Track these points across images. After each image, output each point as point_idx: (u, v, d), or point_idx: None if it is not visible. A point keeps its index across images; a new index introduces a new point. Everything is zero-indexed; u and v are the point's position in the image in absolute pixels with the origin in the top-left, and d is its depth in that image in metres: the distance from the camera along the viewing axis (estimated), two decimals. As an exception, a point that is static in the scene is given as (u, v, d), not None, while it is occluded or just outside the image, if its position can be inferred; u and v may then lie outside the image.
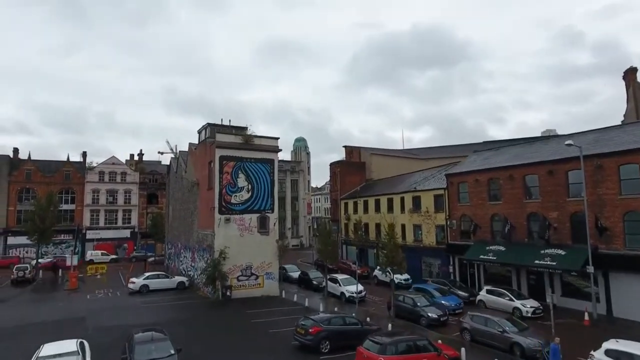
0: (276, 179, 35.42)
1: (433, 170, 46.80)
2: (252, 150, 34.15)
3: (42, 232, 52.06)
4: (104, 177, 69.02)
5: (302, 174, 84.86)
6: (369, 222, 50.65)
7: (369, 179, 59.65)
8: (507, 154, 35.31)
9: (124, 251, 69.13)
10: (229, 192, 33.11)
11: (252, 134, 34.54)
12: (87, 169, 68.62)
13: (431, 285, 32.06)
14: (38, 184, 64.86)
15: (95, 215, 68.03)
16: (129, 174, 70.88)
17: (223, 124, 36.52)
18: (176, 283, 36.36)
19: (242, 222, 33.34)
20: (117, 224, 69.36)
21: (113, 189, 69.45)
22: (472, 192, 35.20)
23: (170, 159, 52.04)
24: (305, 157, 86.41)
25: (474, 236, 34.33)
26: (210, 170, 34.02)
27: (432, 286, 31.75)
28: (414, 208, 41.80)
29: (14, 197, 63.50)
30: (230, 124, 36.75)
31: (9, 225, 62.40)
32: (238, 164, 33.61)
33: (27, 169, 64.79)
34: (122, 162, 71.86)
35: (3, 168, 63.57)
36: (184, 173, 42.74)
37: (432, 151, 65.26)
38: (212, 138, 34.48)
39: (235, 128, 36.33)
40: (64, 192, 66.54)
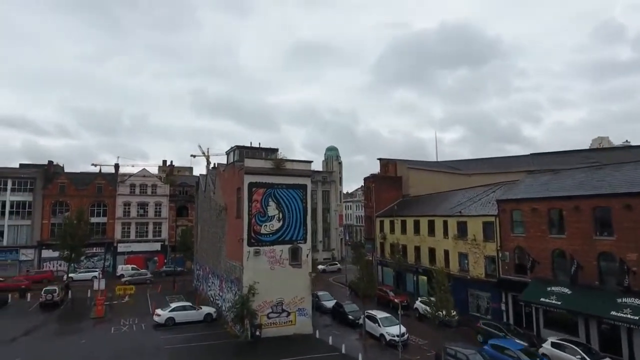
0: (309, 206, 32.70)
1: (478, 190, 42.84)
2: (283, 175, 31.56)
3: (73, 249, 51.86)
4: (134, 190, 68.58)
5: (334, 184, 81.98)
6: (407, 244, 47.18)
7: (406, 195, 56.06)
8: (570, 180, 31.13)
9: (154, 264, 68.47)
10: (258, 222, 30.65)
11: (283, 158, 31.94)
12: (119, 181, 68.32)
13: (515, 344, 25.49)
14: (71, 197, 65.02)
15: (126, 228, 67.64)
16: (159, 186, 70.19)
17: (252, 146, 34.14)
18: (203, 315, 34.27)
19: (272, 254, 30.81)
20: (147, 237, 68.79)
21: (144, 201, 68.91)
22: (528, 222, 31.25)
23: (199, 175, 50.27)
24: (337, 167, 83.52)
25: (532, 273, 30.39)
26: (238, 197, 31.69)
27: (516, 345, 25.28)
28: (459, 234, 38.07)
29: (48, 210, 63.86)
30: (260, 146, 34.33)
31: (43, 238, 62.78)
32: (268, 190, 31.10)
33: (61, 182, 65.06)
34: (153, 174, 71.27)
35: (38, 181, 64.07)
36: (212, 194, 40.74)
37: (474, 165, 60.77)
38: (240, 162, 32.15)
39: (265, 151, 33.93)
40: (96, 205, 66.50)
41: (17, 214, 62.60)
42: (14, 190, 62.82)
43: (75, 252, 53.38)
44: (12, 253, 61.71)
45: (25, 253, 62.18)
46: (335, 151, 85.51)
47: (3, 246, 61.40)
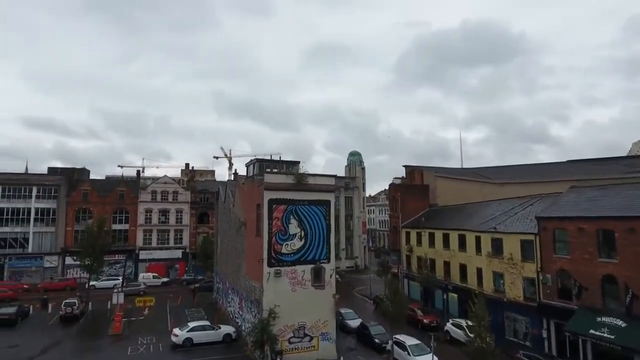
0: (332, 223, 30.79)
1: (514, 202, 40.00)
2: (305, 191, 29.76)
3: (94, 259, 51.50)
4: (156, 197, 68.20)
5: (357, 190, 79.84)
6: (436, 258, 44.70)
7: (434, 205, 53.48)
8: (621, 196, 28.18)
9: (175, 272, 68.01)
10: (279, 241, 28.94)
11: (305, 172, 30.13)
12: (140, 188, 68.06)
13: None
14: (94, 204, 65.12)
15: (147, 235, 67.34)
16: (180, 193, 69.63)
17: (272, 159, 32.46)
18: (222, 335, 32.84)
19: (294, 274, 29.05)
20: (168, 244, 68.33)
21: (165, 208, 68.47)
22: (573, 243, 28.46)
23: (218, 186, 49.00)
24: (360, 173, 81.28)
25: (578, 300, 27.62)
26: (258, 214, 30.06)
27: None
28: (493, 252, 35.41)
29: (71, 217, 64.11)
30: (281, 159, 32.65)
31: (67, 245, 63.02)
32: (290, 207, 29.36)
33: (84, 189, 65.25)
34: (174, 181, 70.77)
35: (62, 188, 64.40)
36: (232, 206, 39.33)
37: (505, 172, 57.49)
38: (260, 176, 30.51)
39: (286, 164, 32.25)
40: (118, 212, 66.43)
41: (41, 221, 63.09)
42: (38, 197, 63.33)
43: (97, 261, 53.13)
44: (36, 260, 62.20)
45: (50, 260, 62.59)
46: (358, 156, 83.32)
47: (28, 253, 61.97)
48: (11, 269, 61.06)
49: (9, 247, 61.35)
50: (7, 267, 60.81)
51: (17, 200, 62.27)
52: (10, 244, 61.54)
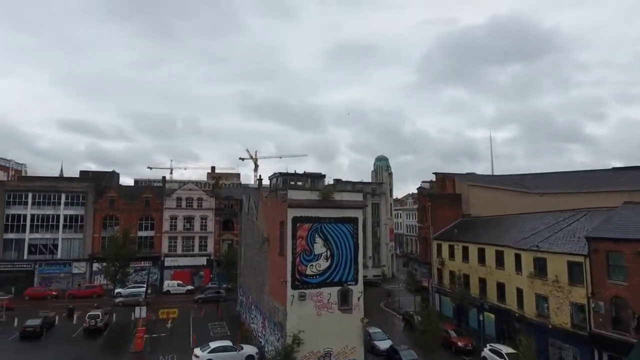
0: (360, 242, 28.83)
1: (557, 217, 36.92)
2: (331, 208, 27.92)
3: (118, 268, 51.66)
4: (181, 203, 67.90)
5: (384, 197, 77.40)
6: (470, 274, 41.98)
7: (467, 215, 50.62)
8: (687, 217, 25.01)
9: (200, 279, 67.56)
10: (303, 262, 27.22)
11: (331, 188, 28.32)
12: (166, 195, 67.92)
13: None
14: (120, 211, 65.37)
15: (173, 242, 67.12)
16: (205, 199, 69.11)
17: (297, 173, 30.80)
18: (245, 357, 31.44)
19: (319, 297, 27.28)
20: (193, 251, 67.93)
21: (190, 215, 68.09)
22: (631, 269, 25.47)
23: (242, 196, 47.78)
24: (387, 178, 78.83)
25: (637, 333, 24.64)
26: (281, 232, 28.43)
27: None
28: (536, 272, 32.56)
29: (98, 223, 64.56)
30: (305, 173, 30.95)
31: (95, 252, 63.45)
32: (315, 225, 27.59)
33: (111, 196, 65.60)
34: (198, 188, 70.35)
35: (89, 195, 64.91)
36: (255, 219, 37.92)
37: (545, 180, 53.86)
38: (284, 192, 28.87)
39: (311, 177, 30.46)
40: (144, 219, 66.45)
41: (70, 228, 63.78)
42: (67, 204, 64.03)
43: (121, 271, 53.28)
44: (65, 266, 62.90)
45: (78, 266, 63.20)
46: (385, 161, 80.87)
47: (57, 259, 62.72)
48: (41, 275, 61.96)
49: (39, 253, 62.30)
50: (37, 273, 61.73)
51: (47, 207, 63.15)
52: (41, 250, 62.48)
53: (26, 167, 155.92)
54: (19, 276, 61.07)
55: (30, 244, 62.07)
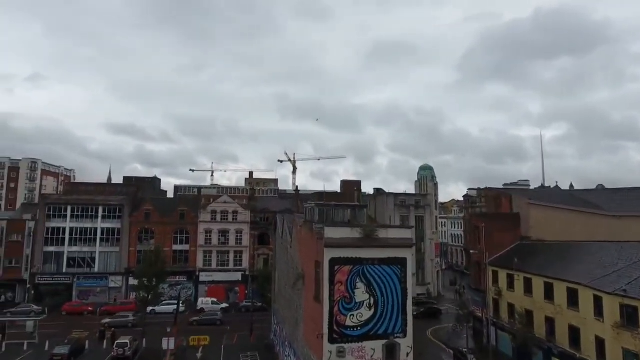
0: (409, 285, 24.61)
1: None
2: (375, 247, 23.90)
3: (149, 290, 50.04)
4: (216, 217, 65.95)
5: (429, 209, 72.09)
6: (534, 310, 36.52)
7: (526, 238, 44.88)
8: None
9: (235, 295, 65.34)
10: (343, 311, 23.38)
11: (375, 225, 24.28)
12: (200, 208, 66.19)
13: None
14: (155, 224, 64.29)
15: (207, 256, 65.28)
16: (240, 212, 66.79)
17: (335, 203, 26.98)
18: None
19: (361, 353, 23.37)
20: (228, 266, 65.77)
21: (225, 228, 66.00)
22: None
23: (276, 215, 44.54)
24: (432, 189, 73.48)
25: None
26: (317, 273, 24.73)
27: None
28: (624, 322, 26.98)
29: (134, 237, 63.74)
30: (344, 203, 27.07)
31: (130, 265, 62.58)
32: (356, 268, 23.69)
33: (146, 209, 64.62)
34: (233, 201, 68.09)
35: (125, 208, 64.24)
36: (289, 247, 34.48)
37: (621, 198, 46.85)
38: (319, 226, 25.11)
39: (352, 209, 26.51)
40: (179, 232, 65.01)
41: (107, 241, 63.36)
42: (104, 217, 63.66)
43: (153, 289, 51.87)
44: (102, 280, 62.51)
45: (114, 280, 62.61)
46: (429, 171, 75.49)
47: (94, 273, 62.43)
48: (79, 288, 61.88)
49: (77, 266, 62.25)
50: (75, 287, 61.68)
51: (85, 220, 63.04)
52: (79, 264, 62.41)
53: (75, 172, 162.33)
54: (58, 289, 61.33)
55: (69, 257, 62.15)
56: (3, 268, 60.29)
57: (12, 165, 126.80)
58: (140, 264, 59.13)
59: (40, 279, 60.74)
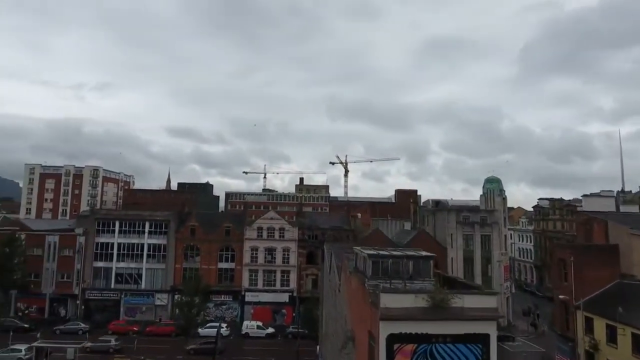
0: None
1: None
2: (448, 320, 18.20)
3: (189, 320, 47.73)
4: (262, 234, 62.50)
5: (497, 227, 63.96)
6: (648, 377, 28.69)
7: (628, 275, 36.50)
8: None
9: (282, 317, 61.48)
10: (404, 404, 17.91)
11: (447, 291, 18.57)
12: (246, 224, 63.03)
13: None
14: (201, 241, 62.06)
15: (253, 275, 62.01)
16: (287, 229, 62.84)
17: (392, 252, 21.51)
18: None
19: None
20: (275, 286, 62.06)
21: (271, 246, 62.37)
22: None
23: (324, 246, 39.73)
24: (500, 204, 65.17)
25: None
26: (371, 346, 19.45)
27: None
28: None
29: (180, 254, 61.89)
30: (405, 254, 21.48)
31: (176, 283, 60.74)
32: (422, 347, 18.13)
33: (192, 225, 62.56)
34: (280, 217, 64.20)
35: (171, 224, 62.55)
36: (337, 291, 29.44)
37: None
38: (374, 287, 19.80)
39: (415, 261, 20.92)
40: (224, 250, 62.29)
41: (153, 257, 62.03)
42: (151, 233, 62.37)
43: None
44: (148, 297, 61.21)
45: (160, 298, 61.07)
46: (496, 183, 67.23)
47: (141, 290, 61.26)
48: (126, 305, 60.96)
49: (125, 282, 61.42)
50: (123, 303, 60.84)
51: (132, 235, 62.16)
52: (126, 280, 61.55)
53: (134, 178, 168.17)
54: (106, 305, 60.92)
55: (117, 272, 61.48)
56: (56, 282, 60.66)
57: (77, 172, 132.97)
58: (185, 281, 57.67)
59: (90, 294, 60.54)
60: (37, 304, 60.34)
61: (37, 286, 60.07)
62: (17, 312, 59.60)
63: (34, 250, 60.83)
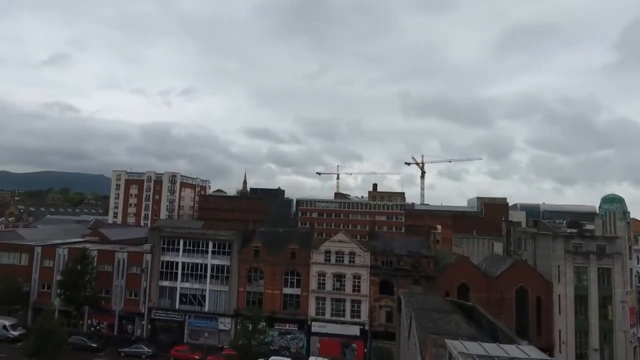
0: None
1: None
2: None
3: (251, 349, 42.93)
4: (330, 258, 56.32)
5: (619, 258, 51.23)
6: None
7: None
8: None
9: (352, 353, 54.86)
10: None
11: None
12: (312, 247, 57.31)
13: None
14: (265, 263, 57.56)
15: (320, 303, 56.06)
16: (358, 254, 55.94)
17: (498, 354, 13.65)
18: None
19: None
20: (344, 317, 55.50)
21: (340, 272, 55.95)
22: None
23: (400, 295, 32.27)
24: (622, 230, 52.08)
25: None
26: None
27: None
28: None
29: (243, 276, 57.92)
30: None
31: (239, 307, 56.90)
32: None
33: (255, 246, 58.26)
34: (350, 240, 57.35)
35: (235, 244, 58.87)
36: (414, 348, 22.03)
37: None
38: None
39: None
40: (289, 274, 57.14)
41: (216, 279, 58.83)
42: (214, 252, 59.26)
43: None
44: (212, 321, 58.04)
45: (224, 322, 57.57)
46: (618, 204, 54.04)
47: (204, 312, 58.33)
48: (190, 328, 58.48)
49: (189, 303, 59.00)
50: (187, 325, 58.45)
51: (195, 255, 59.55)
52: (190, 301, 59.08)
53: (209, 182, 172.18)
54: (171, 326, 58.92)
55: (182, 293, 59.23)
56: (124, 300, 60.04)
57: (157, 178, 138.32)
58: (248, 306, 54.01)
59: (156, 314, 58.94)
60: (108, 320, 60.14)
61: (107, 302, 59.90)
62: (90, 327, 59.94)
63: (105, 267, 60.81)
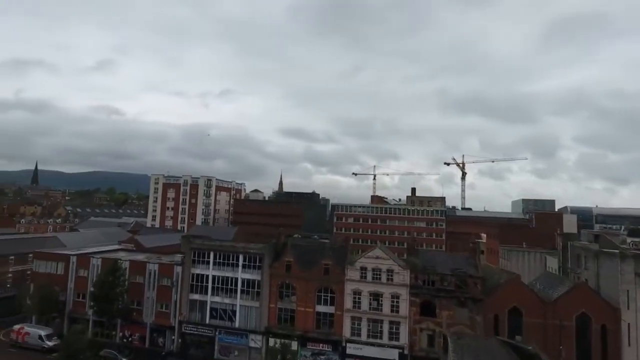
0: None
1: None
2: None
3: None
4: (366, 275, 52.53)
5: (703, 284, 44.20)
6: None
7: None
8: None
9: (390, 379, 50.84)
10: None
11: None
12: (347, 263, 53.70)
13: None
14: (297, 278, 54.60)
15: (356, 324, 52.39)
16: (396, 272, 51.80)
17: None
18: None
19: None
20: (381, 339, 51.61)
21: (377, 291, 52.07)
22: None
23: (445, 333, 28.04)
24: None
25: None
26: None
27: None
28: None
29: (275, 292, 55.21)
30: None
31: (270, 324, 54.33)
32: None
33: (287, 260, 55.38)
34: (387, 257, 53.17)
35: (266, 258, 56.26)
36: None
37: None
38: None
39: None
40: (323, 291, 53.85)
41: (247, 294, 56.45)
42: (245, 266, 56.92)
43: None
44: (242, 337, 55.72)
45: (254, 339, 55.14)
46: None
47: (235, 328, 56.13)
48: (221, 343, 56.47)
49: (219, 318, 57.00)
50: (217, 341, 56.49)
51: (226, 269, 57.49)
52: (221, 316, 57.07)
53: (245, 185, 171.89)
54: (202, 341, 57.16)
55: (212, 307, 57.34)
56: (155, 312, 58.93)
57: (193, 182, 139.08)
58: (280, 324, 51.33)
59: (186, 328, 57.37)
60: (140, 331, 59.25)
61: (139, 314, 59.02)
62: (122, 339, 59.27)
63: (137, 278, 59.97)
